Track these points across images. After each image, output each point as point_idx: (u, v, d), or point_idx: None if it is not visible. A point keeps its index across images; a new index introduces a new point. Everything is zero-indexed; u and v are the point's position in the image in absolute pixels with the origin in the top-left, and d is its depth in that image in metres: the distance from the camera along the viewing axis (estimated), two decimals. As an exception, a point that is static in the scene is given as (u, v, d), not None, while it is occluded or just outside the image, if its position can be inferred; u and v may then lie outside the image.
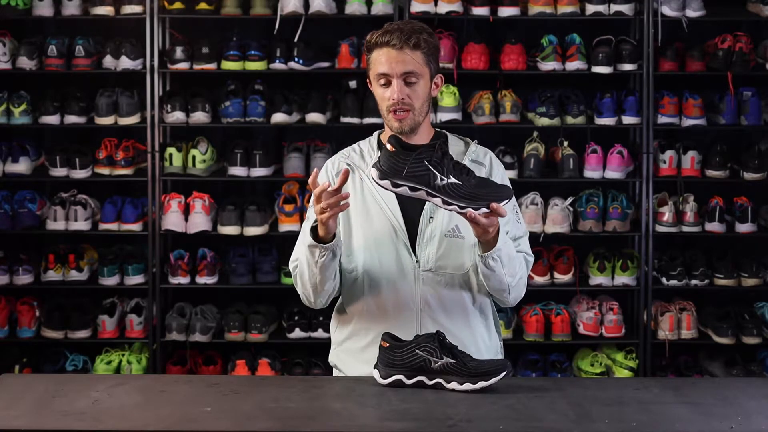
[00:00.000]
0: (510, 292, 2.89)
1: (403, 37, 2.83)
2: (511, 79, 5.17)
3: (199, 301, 5.19)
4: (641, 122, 5.02)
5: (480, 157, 2.98)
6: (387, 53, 2.84)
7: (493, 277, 2.83)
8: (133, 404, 2.60)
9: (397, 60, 2.83)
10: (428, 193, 2.62)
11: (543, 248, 5.07)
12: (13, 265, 5.08)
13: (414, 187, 2.61)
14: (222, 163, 5.21)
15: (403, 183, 2.61)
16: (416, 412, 2.53)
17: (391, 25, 2.89)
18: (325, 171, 2.99)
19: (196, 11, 5.04)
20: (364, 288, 2.90)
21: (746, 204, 5.08)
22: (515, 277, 2.87)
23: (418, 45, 2.84)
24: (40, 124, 5.08)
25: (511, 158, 5.06)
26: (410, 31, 2.84)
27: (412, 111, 2.86)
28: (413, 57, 2.84)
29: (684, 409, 2.57)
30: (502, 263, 2.80)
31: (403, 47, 2.83)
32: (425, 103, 2.89)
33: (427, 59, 2.87)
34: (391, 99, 2.85)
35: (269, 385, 2.80)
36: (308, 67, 5.05)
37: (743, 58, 5.01)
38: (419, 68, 2.85)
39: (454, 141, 3.01)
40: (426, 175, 2.60)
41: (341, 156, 3.01)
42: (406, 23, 2.90)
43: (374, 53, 2.87)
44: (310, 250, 2.79)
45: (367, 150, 2.99)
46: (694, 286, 5.07)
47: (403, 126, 2.87)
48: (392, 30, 2.85)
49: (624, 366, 4.97)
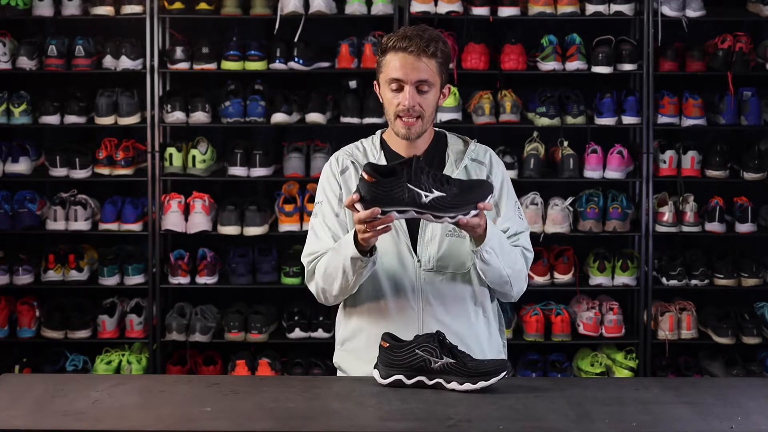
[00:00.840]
0: (512, 284, 2.90)
1: (422, 45, 2.81)
2: (511, 79, 5.17)
3: (199, 301, 5.19)
4: (641, 122, 5.02)
5: (480, 156, 2.98)
6: (403, 58, 2.82)
7: (491, 270, 2.83)
8: (133, 404, 2.60)
9: (412, 67, 2.82)
10: (417, 212, 2.64)
11: (543, 248, 5.07)
12: (13, 265, 5.08)
13: (402, 210, 2.63)
14: (222, 163, 5.21)
15: (389, 209, 2.62)
16: (416, 412, 2.53)
17: (409, 30, 2.86)
18: (329, 168, 2.98)
19: (196, 11, 5.04)
20: (366, 288, 2.90)
21: (746, 204, 5.08)
22: (514, 268, 2.88)
23: (435, 54, 2.83)
24: (40, 124, 5.08)
25: (511, 158, 5.06)
26: (429, 39, 2.82)
27: (422, 119, 2.85)
28: (428, 65, 2.83)
29: (684, 409, 2.57)
30: (497, 254, 2.80)
31: (420, 54, 2.81)
32: (434, 112, 2.90)
33: (441, 69, 2.86)
34: (402, 105, 2.83)
35: (269, 385, 2.80)
36: (308, 67, 5.05)
37: (743, 58, 5.01)
38: (432, 77, 2.84)
39: (453, 140, 3.01)
40: (410, 195, 2.61)
41: (345, 154, 3.00)
42: (424, 30, 2.86)
43: (389, 56, 2.85)
44: (352, 261, 2.78)
45: (370, 149, 2.99)
46: (694, 286, 5.07)
47: (410, 133, 2.86)
48: (411, 36, 2.82)
49: (624, 366, 4.97)
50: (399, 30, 2.90)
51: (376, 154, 2.97)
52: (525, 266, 2.95)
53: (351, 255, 2.76)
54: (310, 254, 2.93)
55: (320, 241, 2.92)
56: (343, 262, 2.79)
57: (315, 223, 2.95)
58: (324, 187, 2.98)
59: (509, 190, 3.00)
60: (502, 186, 2.98)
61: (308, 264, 2.93)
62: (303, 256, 2.97)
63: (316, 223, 2.95)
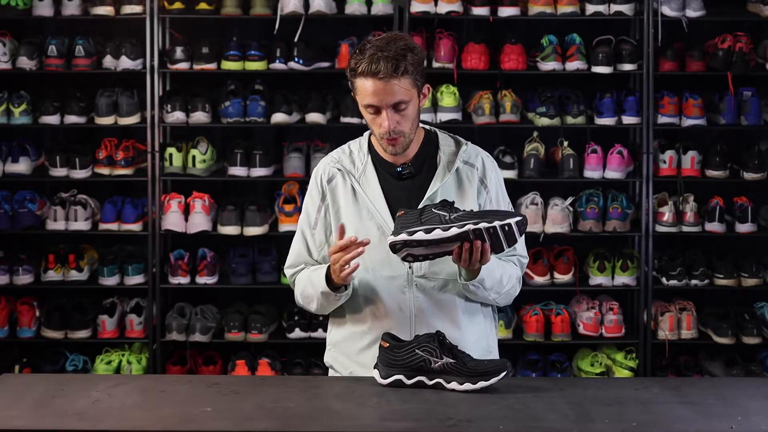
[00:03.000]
0: (498, 302, 2.95)
1: (391, 67, 2.70)
2: (511, 79, 5.17)
3: (199, 301, 5.19)
4: (641, 122, 5.02)
5: (472, 159, 2.94)
6: (373, 84, 2.73)
7: (475, 296, 2.88)
8: (133, 404, 2.60)
9: (385, 92, 2.74)
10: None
11: (543, 248, 5.07)
12: (13, 265, 5.08)
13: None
14: (222, 163, 5.21)
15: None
16: (416, 412, 2.53)
17: (373, 49, 2.73)
18: (315, 178, 2.97)
19: (196, 11, 5.04)
20: (358, 294, 2.90)
21: (746, 204, 5.08)
22: (501, 293, 2.90)
23: (406, 71, 2.73)
24: (40, 124, 5.08)
25: (511, 158, 5.06)
26: (396, 57, 2.71)
27: (403, 135, 2.82)
28: (401, 85, 2.74)
29: (684, 409, 2.57)
30: (485, 288, 2.83)
31: (390, 78, 2.72)
32: (416, 120, 2.85)
33: (415, 80, 2.77)
34: (383, 128, 2.79)
35: (269, 385, 2.80)
36: (308, 67, 5.05)
37: (743, 58, 5.01)
38: (408, 94, 2.77)
39: (444, 140, 2.96)
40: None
41: (331, 161, 2.97)
42: (388, 43, 2.75)
43: (359, 81, 2.76)
44: (323, 295, 2.85)
45: (357, 153, 2.95)
46: (694, 286, 5.07)
47: (396, 149, 2.84)
48: (378, 57, 2.71)
49: (624, 366, 4.97)
50: (366, 49, 2.76)
51: (363, 158, 2.94)
52: (517, 277, 2.96)
53: (322, 290, 2.84)
54: (290, 266, 3.00)
55: (296, 252, 2.99)
56: (317, 293, 2.87)
57: (297, 233, 3.01)
58: (306, 196, 2.99)
59: (504, 196, 2.98)
60: (497, 193, 2.95)
61: (289, 277, 3.01)
62: (285, 266, 3.03)
63: (297, 232, 3.01)
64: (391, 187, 2.90)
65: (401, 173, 2.89)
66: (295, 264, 2.98)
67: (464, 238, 2.65)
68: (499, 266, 2.87)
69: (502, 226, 2.64)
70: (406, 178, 2.90)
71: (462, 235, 2.64)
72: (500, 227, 2.64)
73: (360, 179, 2.91)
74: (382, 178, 2.91)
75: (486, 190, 2.93)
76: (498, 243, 2.67)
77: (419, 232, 2.65)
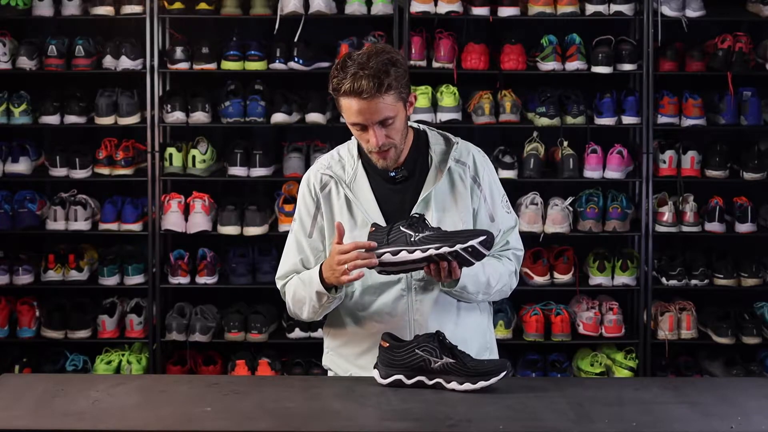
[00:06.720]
0: (490, 301, 2.95)
1: (374, 86, 2.66)
2: (511, 79, 5.17)
3: (199, 301, 5.19)
4: (641, 122, 5.02)
5: (463, 157, 2.92)
6: (358, 104, 2.70)
7: (462, 298, 2.87)
8: (133, 404, 2.60)
9: (369, 111, 2.71)
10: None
11: (543, 248, 5.07)
12: (13, 265, 5.08)
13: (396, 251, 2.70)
14: (222, 163, 5.21)
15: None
16: (416, 412, 2.53)
17: (355, 66, 2.69)
18: (307, 185, 2.94)
19: (196, 11, 5.04)
20: (355, 298, 2.90)
21: (746, 204, 5.08)
22: (490, 293, 2.89)
23: (389, 87, 2.69)
24: (40, 124, 5.08)
25: (510, 158, 5.06)
26: (377, 74, 2.67)
27: (394, 147, 2.80)
28: (386, 101, 2.70)
29: (684, 409, 2.57)
30: (468, 292, 2.82)
31: (374, 97, 2.68)
32: (404, 130, 2.83)
33: (399, 94, 2.73)
34: (372, 144, 2.77)
35: (269, 385, 2.81)
36: (308, 67, 5.05)
37: (743, 58, 5.01)
38: (393, 109, 2.73)
39: (435, 139, 2.94)
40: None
41: (321, 167, 2.94)
42: (369, 58, 2.69)
43: (343, 100, 2.73)
44: (317, 296, 2.81)
45: (347, 158, 2.94)
46: (694, 286, 5.07)
47: (388, 162, 2.83)
48: (360, 75, 2.67)
49: (624, 366, 4.97)
50: (347, 66, 2.71)
51: (353, 162, 2.92)
52: (512, 273, 2.94)
53: (316, 290, 2.80)
54: (282, 276, 2.95)
55: (290, 261, 2.94)
56: (310, 294, 2.83)
57: (289, 241, 2.96)
58: (299, 205, 2.96)
59: (498, 189, 2.96)
60: (491, 189, 2.94)
61: (281, 286, 2.96)
62: (276, 276, 2.98)
63: (289, 241, 2.95)
64: (384, 191, 2.88)
65: (395, 178, 2.87)
66: (287, 275, 2.94)
67: (430, 260, 2.68)
68: (487, 268, 2.85)
69: (465, 248, 2.65)
70: (400, 181, 2.89)
71: (427, 258, 2.67)
72: (462, 249, 2.65)
73: (351, 185, 2.89)
74: (374, 183, 2.89)
75: (479, 189, 2.91)
76: (465, 261, 2.69)
77: (386, 254, 2.68)
